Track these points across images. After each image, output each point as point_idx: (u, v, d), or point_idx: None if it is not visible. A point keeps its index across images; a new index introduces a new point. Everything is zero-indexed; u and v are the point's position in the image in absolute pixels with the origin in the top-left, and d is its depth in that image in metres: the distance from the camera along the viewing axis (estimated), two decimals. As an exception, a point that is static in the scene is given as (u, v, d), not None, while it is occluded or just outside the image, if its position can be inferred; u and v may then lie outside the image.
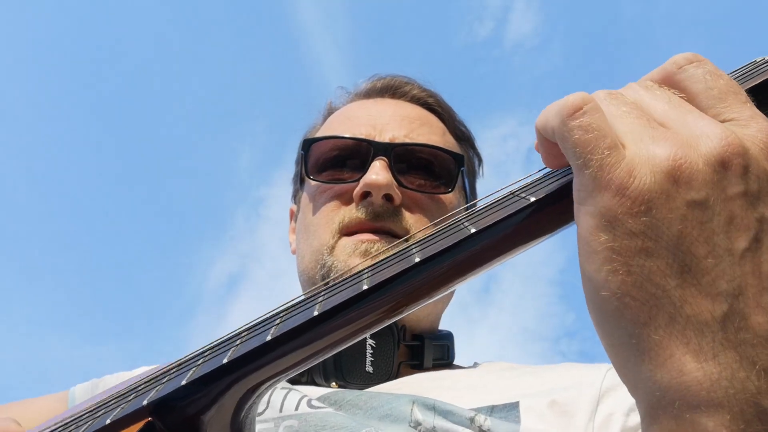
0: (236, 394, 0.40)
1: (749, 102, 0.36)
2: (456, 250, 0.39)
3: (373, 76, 1.05)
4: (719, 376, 0.30)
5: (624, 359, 0.34)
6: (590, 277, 0.34)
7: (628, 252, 0.32)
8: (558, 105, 0.36)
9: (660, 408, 0.32)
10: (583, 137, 0.34)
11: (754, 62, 0.43)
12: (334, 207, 0.89)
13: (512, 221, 0.39)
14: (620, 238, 0.33)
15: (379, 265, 0.42)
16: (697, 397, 0.30)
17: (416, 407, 0.67)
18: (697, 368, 0.31)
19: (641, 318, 0.32)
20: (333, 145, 0.92)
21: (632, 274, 0.32)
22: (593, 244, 0.33)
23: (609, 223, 0.33)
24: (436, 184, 0.91)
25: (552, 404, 0.68)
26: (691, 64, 0.38)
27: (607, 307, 0.33)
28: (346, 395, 0.72)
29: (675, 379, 0.31)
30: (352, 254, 0.83)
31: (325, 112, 1.07)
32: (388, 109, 0.96)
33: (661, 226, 0.32)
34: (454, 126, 1.02)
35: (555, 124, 0.36)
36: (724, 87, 0.37)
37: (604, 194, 0.33)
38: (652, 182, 0.32)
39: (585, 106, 0.35)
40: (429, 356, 0.85)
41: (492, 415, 0.67)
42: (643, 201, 0.32)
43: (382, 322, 0.40)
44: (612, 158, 0.33)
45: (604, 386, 0.71)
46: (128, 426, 0.41)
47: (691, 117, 0.35)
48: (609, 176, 0.33)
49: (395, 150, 0.88)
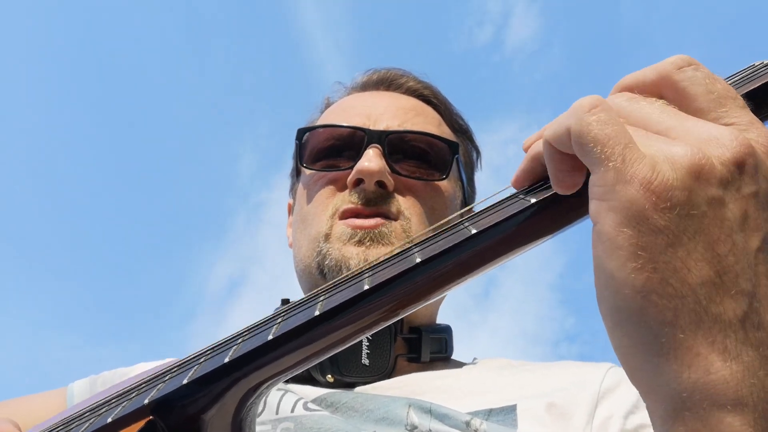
0: (237, 394, 0.41)
1: (746, 107, 0.36)
2: (457, 250, 0.39)
3: (369, 69, 1.05)
4: (743, 375, 0.30)
5: (642, 361, 0.33)
6: (611, 274, 0.33)
7: (655, 248, 0.32)
8: (571, 108, 0.36)
9: (686, 408, 0.31)
10: (603, 131, 0.34)
11: (752, 66, 0.44)
12: (329, 194, 0.89)
13: (513, 222, 0.39)
14: (646, 234, 0.32)
15: (380, 266, 0.42)
16: (724, 396, 0.30)
17: (412, 410, 0.67)
18: (723, 367, 0.30)
19: (667, 317, 0.31)
20: (328, 135, 0.92)
21: (658, 271, 0.32)
22: (618, 240, 0.33)
23: (634, 218, 0.32)
24: (431, 171, 0.91)
25: (550, 407, 0.68)
26: (689, 66, 0.38)
27: (630, 305, 0.32)
28: (341, 397, 0.72)
29: (702, 378, 0.31)
30: (347, 242, 0.82)
31: (323, 106, 1.07)
32: (383, 101, 0.96)
33: (686, 222, 0.32)
34: (451, 118, 1.02)
35: (571, 122, 0.35)
36: (722, 91, 0.37)
37: (628, 188, 0.32)
38: (674, 178, 0.32)
39: (600, 104, 0.35)
40: (426, 349, 0.85)
41: (489, 419, 0.67)
42: (669, 197, 0.32)
43: (383, 322, 0.41)
44: (634, 152, 0.33)
45: (603, 387, 0.71)
46: (129, 424, 0.41)
47: (690, 123, 0.35)
48: (633, 170, 0.32)
49: (389, 138, 0.88)
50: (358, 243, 0.82)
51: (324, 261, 0.83)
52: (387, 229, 0.83)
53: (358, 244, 0.82)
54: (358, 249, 0.81)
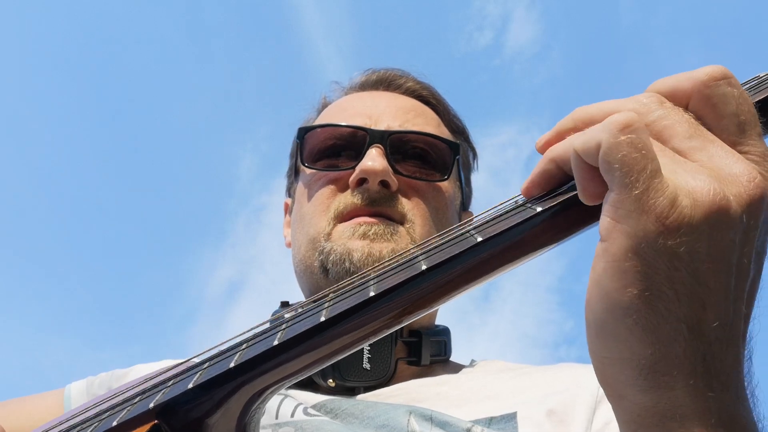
0: (242, 398, 0.41)
1: (762, 137, 0.38)
2: (463, 258, 0.39)
3: (367, 69, 1.05)
4: (707, 396, 0.34)
5: (616, 372, 0.36)
6: (608, 293, 0.35)
7: (654, 278, 0.34)
8: (605, 123, 0.35)
9: (648, 417, 0.35)
10: (631, 155, 0.34)
11: (757, 77, 0.44)
12: (330, 194, 0.88)
13: (519, 231, 0.39)
14: (650, 265, 0.34)
15: (386, 272, 0.42)
16: (686, 410, 0.34)
17: (413, 418, 0.66)
18: (685, 386, 0.34)
19: (649, 340, 0.34)
20: (329, 134, 0.92)
21: (651, 300, 0.34)
22: (623, 265, 0.34)
23: (644, 248, 0.33)
24: (432, 171, 0.91)
25: (550, 413, 0.68)
26: (725, 80, 0.38)
27: (620, 325, 0.35)
28: (342, 404, 0.72)
29: (665, 394, 0.34)
30: (352, 237, 0.82)
31: (320, 106, 1.06)
32: (383, 100, 0.96)
33: (686, 259, 0.33)
34: (449, 118, 1.02)
35: (603, 137, 0.35)
36: (748, 116, 0.38)
37: (645, 218, 0.33)
38: (691, 215, 0.33)
39: (636, 123, 0.35)
40: (427, 353, 0.85)
41: (490, 427, 0.67)
42: (678, 234, 0.33)
43: (387, 328, 0.41)
44: (658, 183, 0.34)
45: (601, 392, 0.71)
46: (135, 428, 0.41)
47: (713, 149, 0.36)
48: (653, 201, 0.33)
49: (391, 138, 0.87)
50: (362, 236, 0.81)
51: (328, 257, 0.82)
52: (392, 229, 0.83)
53: (362, 238, 0.81)
54: (362, 242, 0.81)
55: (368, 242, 0.81)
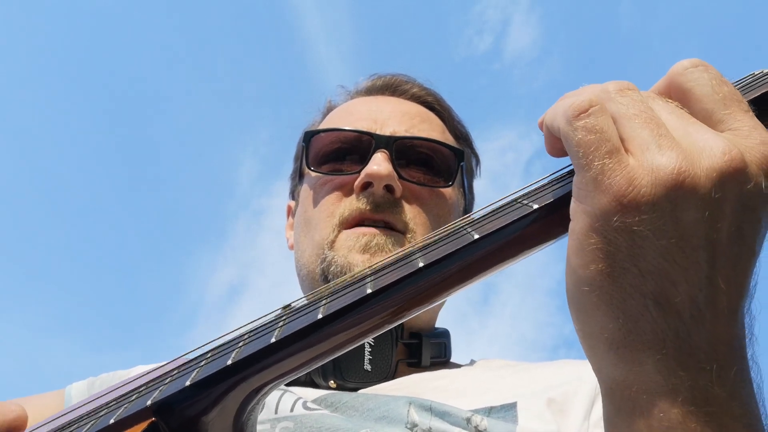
0: (239, 396, 0.41)
1: (750, 112, 0.37)
2: (459, 255, 0.39)
3: (372, 74, 1.06)
4: (677, 374, 0.34)
5: (590, 346, 0.38)
6: (574, 270, 0.36)
7: (617, 255, 0.34)
8: (565, 104, 0.37)
9: (619, 390, 0.36)
10: (585, 138, 0.35)
11: (752, 75, 0.44)
12: (335, 199, 0.89)
13: (515, 228, 0.40)
14: (610, 242, 0.34)
15: (383, 270, 0.42)
16: (656, 385, 0.34)
17: (413, 408, 0.67)
18: (654, 362, 0.34)
19: (615, 315, 0.35)
20: (334, 138, 0.92)
21: (615, 276, 0.35)
22: (584, 243, 0.35)
23: (603, 227, 0.34)
24: (436, 178, 0.91)
25: (549, 403, 0.69)
26: (696, 67, 0.39)
27: (586, 300, 0.36)
28: (342, 397, 0.72)
29: (634, 368, 0.35)
30: (353, 249, 0.82)
31: (325, 109, 1.07)
32: (388, 105, 0.97)
33: (648, 236, 0.34)
34: (453, 125, 1.03)
35: (561, 123, 0.37)
36: (728, 93, 0.38)
37: (601, 198, 0.34)
38: (650, 194, 0.33)
39: (591, 108, 0.36)
40: (427, 354, 0.85)
41: (490, 416, 0.67)
42: (638, 212, 0.33)
43: (384, 326, 0.41)
44: (613, 164, 0.34)
45: None
46: (132, 426, 0.41)
47: (692, 128, 0.36)
48: (609, 181, 0.34)
49: (396, 143, 0.88)
50: (363, 250, 0.82)
51: (329, 268, 0.83)
52: (394, 239, 0.83)
53: (363, 251, 0.82)
54: (363, 257, 0.82)
55: (369, 256, 0.81)
